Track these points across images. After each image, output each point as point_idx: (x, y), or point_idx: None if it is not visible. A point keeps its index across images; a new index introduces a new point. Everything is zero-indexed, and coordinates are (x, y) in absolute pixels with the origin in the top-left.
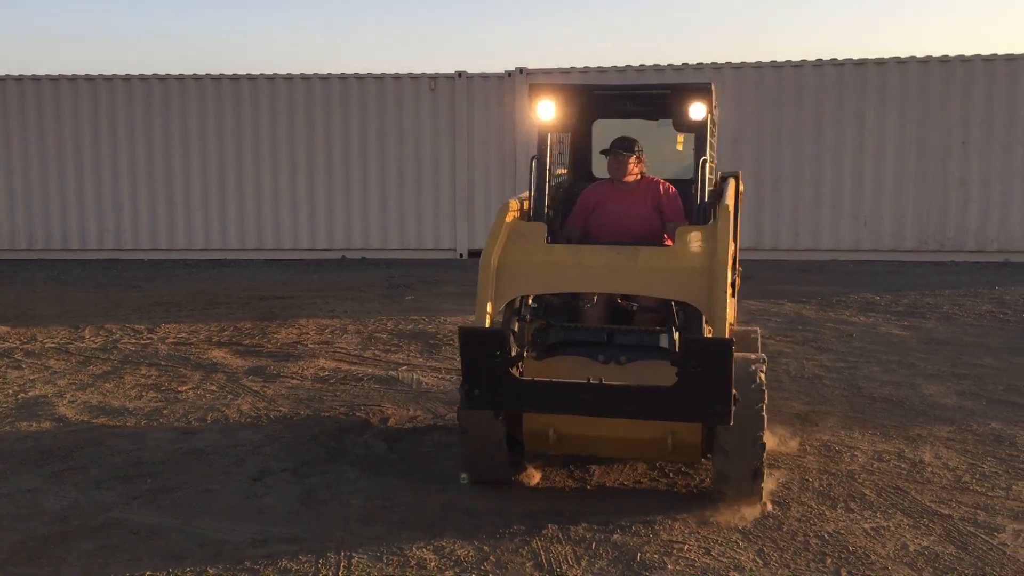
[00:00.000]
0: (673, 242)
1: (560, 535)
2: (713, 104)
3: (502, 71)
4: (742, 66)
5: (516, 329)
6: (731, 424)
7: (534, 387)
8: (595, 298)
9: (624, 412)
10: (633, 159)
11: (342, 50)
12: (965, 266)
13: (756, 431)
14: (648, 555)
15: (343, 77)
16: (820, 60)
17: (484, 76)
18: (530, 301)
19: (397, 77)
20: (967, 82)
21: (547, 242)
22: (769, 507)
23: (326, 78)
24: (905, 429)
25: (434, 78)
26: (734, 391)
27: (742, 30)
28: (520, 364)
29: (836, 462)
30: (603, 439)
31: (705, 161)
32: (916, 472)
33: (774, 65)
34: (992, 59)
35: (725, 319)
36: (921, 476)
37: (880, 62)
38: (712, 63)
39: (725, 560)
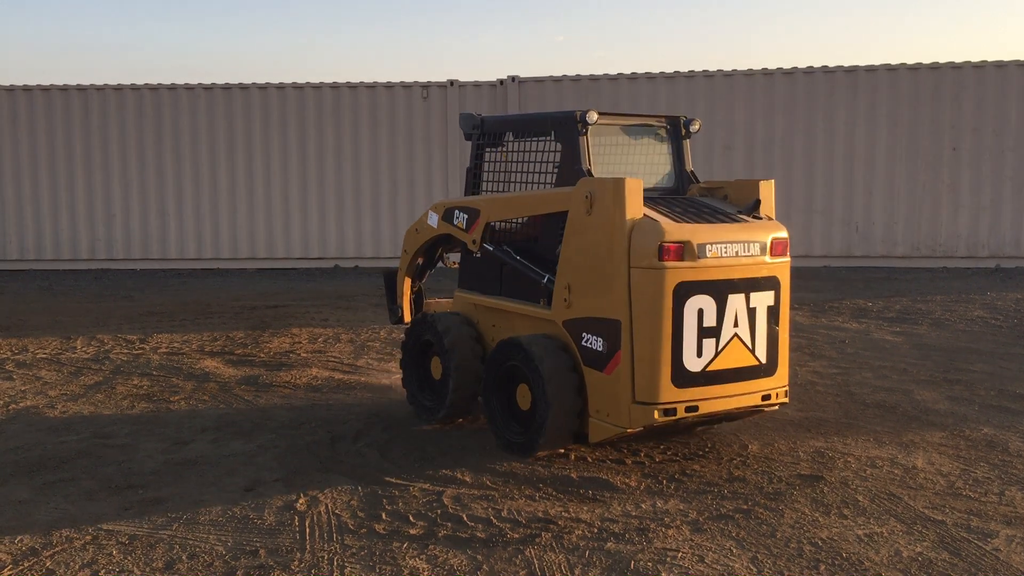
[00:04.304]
0: None
1: (554, 543)
2: None
3: (494, 79)
4: (733, 73)
5: None
6: None
7: None
8: None
9: None
10: None
11: (334, 59)
12: (956, 272)
13: None
14: (642, 563)
15: (335, 86)
16: (811, 67)
17: (476, 84)
18: None
19: (389, 86)
20: (957, 89)
21: None
22: None
23: (318, 87)
24: (898, 435)
25: (426, 87)
26: None
27: (734, 38)
28: None
29: (829, 468)
30: None
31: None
32: (909, 478)
33: (765, 72)
34: (982, 66)
35: None
36: (914, 482)
37: (871, 69)
38: (704, 71)
39: (719, 567)
